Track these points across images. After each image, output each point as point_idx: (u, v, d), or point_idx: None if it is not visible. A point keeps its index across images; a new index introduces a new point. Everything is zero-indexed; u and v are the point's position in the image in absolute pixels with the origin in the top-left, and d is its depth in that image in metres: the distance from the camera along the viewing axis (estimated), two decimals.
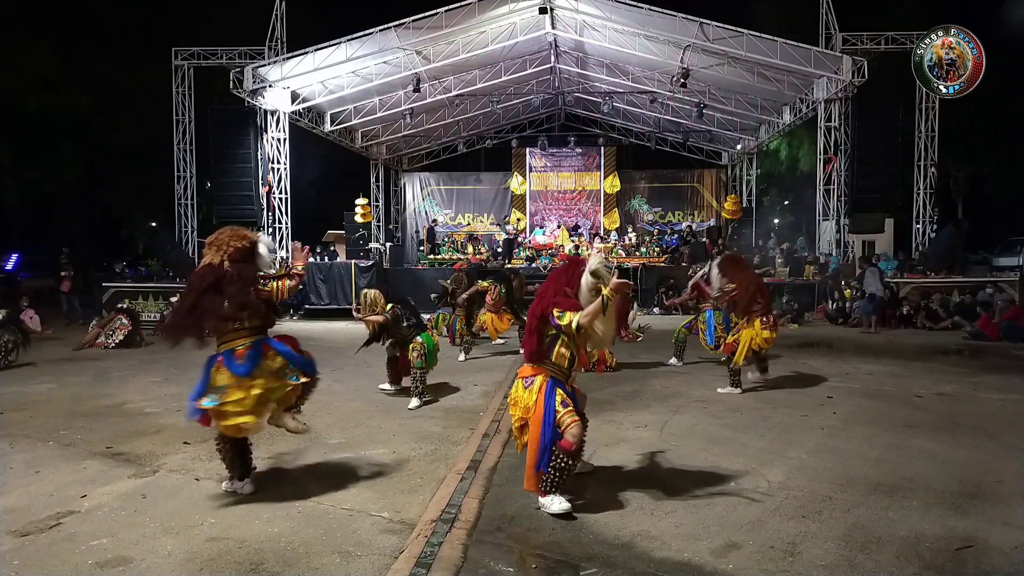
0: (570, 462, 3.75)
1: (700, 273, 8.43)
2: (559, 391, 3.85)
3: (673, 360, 9.07)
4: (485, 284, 10.23)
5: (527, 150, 23.48)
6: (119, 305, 13.31)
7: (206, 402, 3.90)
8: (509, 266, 15.01)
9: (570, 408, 3.81)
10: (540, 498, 3.80)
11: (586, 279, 3.85)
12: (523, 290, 10.73)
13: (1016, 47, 20.26)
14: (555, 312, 3.79)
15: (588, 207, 23.67)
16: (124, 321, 11.33)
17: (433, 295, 11.60)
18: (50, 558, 3.28)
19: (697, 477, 4.38)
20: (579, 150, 23.47)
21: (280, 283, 4.23)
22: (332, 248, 20.37)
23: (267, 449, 5.09)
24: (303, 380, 4.19)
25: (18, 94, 21.11)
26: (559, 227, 22.57)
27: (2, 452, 5.07)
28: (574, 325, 3.73)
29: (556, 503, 3.71)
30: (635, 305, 9.87)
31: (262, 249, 4.20)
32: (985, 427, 5.66)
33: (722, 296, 7.34)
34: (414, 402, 6.59)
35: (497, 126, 23.81)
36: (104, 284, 15.64)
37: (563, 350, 3.91)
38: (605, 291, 3.72)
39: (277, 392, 4.06)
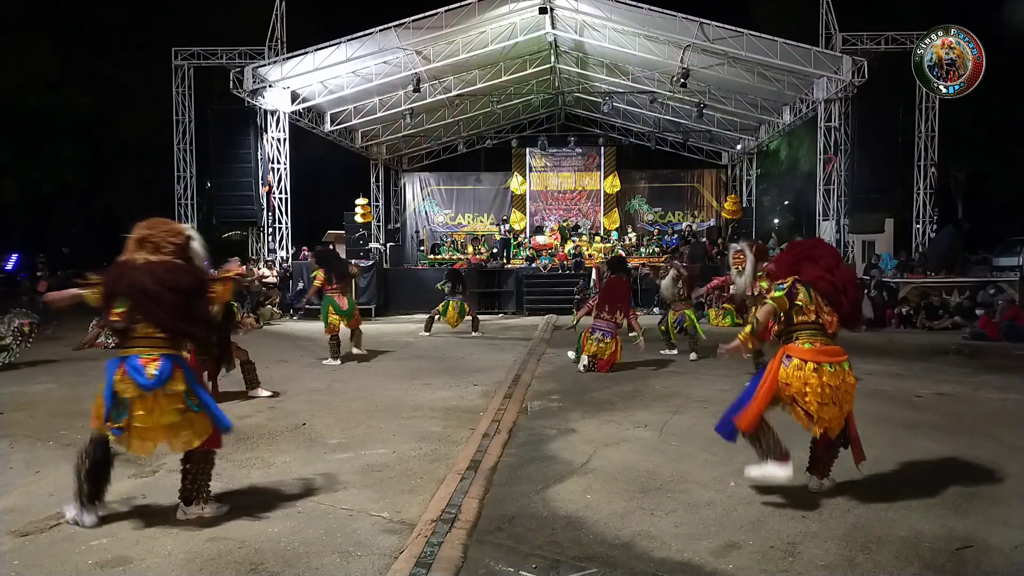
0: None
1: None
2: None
3: (666, 350, 9.14)
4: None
5: (527, 150, 23.48)
6: None
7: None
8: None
9: None
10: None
11: None
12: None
13: (1016, 47, 20.28)
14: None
15: (588, 207, 23.66)
16: None
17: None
18: (50, 558, 3.28)
19: (697, 477, 4.37)
20: (579, 150, 23.47)
21: (223, 286, 4.03)
22: (332, 248, 20.34)
23: (267, 449, 5.09)
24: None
25: (18, 94, 21.13)
26: (559, 227, 22.60)
27: (2, 452, 5.06)
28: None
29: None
30: None
31: (196, 245, 3.87)
32: (985, 427, 5.66)
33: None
34: None
35: (497, 126, 23.81)
36: None
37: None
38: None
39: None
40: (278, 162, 17.68)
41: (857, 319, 4.22)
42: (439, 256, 20.78)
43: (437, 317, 12.57)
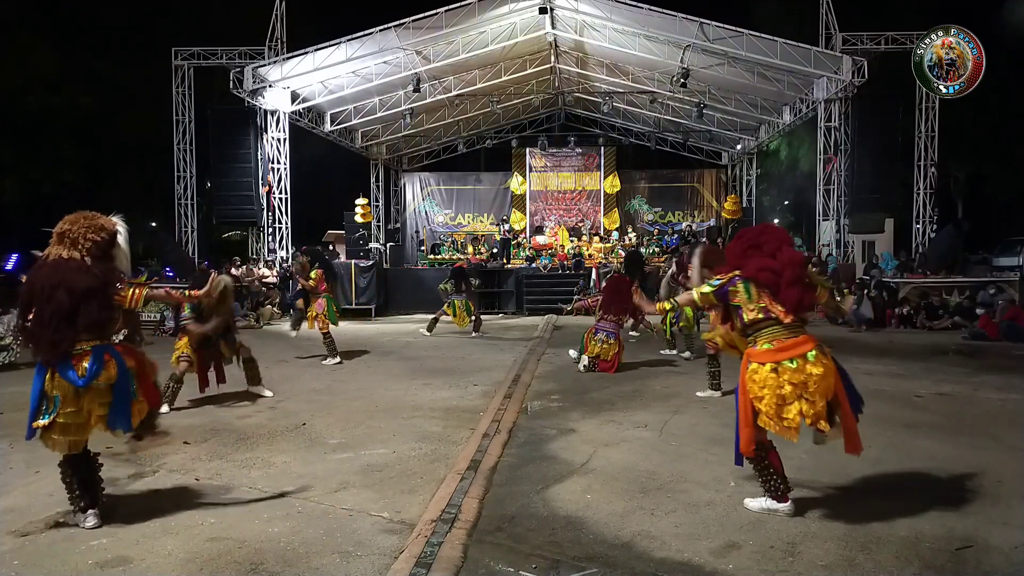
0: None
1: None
2: None
3: (666, 350, 9.17)
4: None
5: (527, 150, 23.49)
6: None
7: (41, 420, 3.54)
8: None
9: None
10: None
11: None
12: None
13: (1016, 47, 20.28)
14: None
15: (588, 207, 23.67)
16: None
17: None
18: (50, 558, 3.28)
19: (697, 477, 4.37)
20: (579, 150, 23.48)
21: (137, 291, 3.79)
22: (332, 248, 20.36)
23: (267, 449, 5.09)
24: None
25: (18, 94, 21.14)
26: (559, 226, 22.62)
27: (2, 452, 5.07)
28: None
29: None
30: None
31: (122, 241, 3.84)
32: (985, 427, 5.66)
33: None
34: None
35: (497, 126, 23.82)
36: None
37: None
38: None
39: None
40: (278, 162, 17.68)
41: (797, 303, 3.63)
42: (439, 256, 20.77)
43: (444, 318, 12.46)
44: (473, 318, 12.60)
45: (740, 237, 4.00)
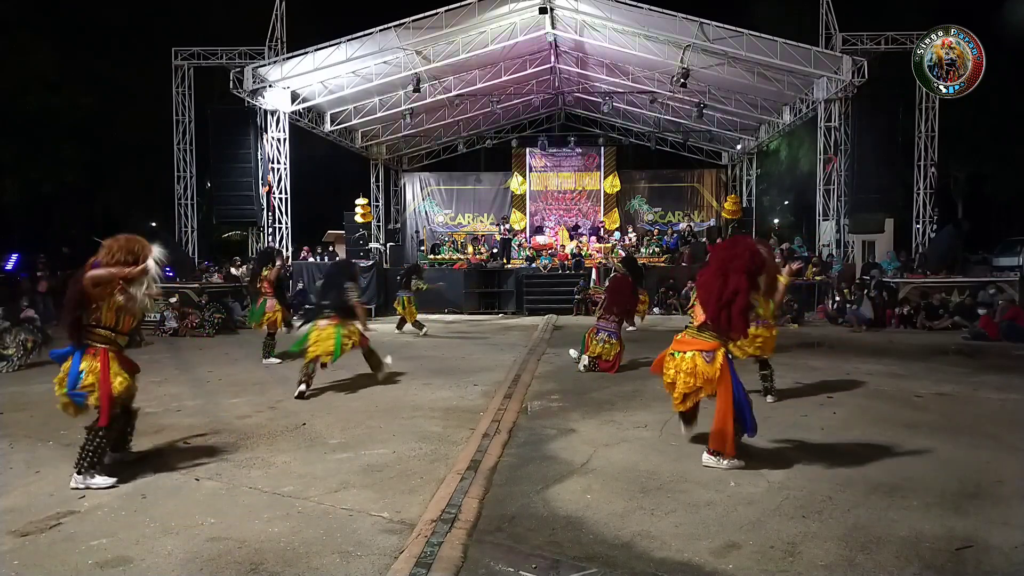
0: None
1: None
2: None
3: None
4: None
5: (527, 150, 23.47)
6: None
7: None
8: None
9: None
10: (711, 457, 4.56)
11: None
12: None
13: (1016, 47, 20.26)
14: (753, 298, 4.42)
15: (588, 207, 23.65)
16: None
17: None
18: (50, 558, 3.28)
19: (697, 477, 4.38)
20: (579, 150, 23.46)
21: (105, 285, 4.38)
22: (332, 248, 20.38)
23: (267, 449, 5.09)
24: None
25: (18, 94, 21.14)
26: (559, 226, 22.61)
27: (2, 452, 5.07)
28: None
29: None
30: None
31: (150, 263, 4.44)
32: (985, 427, 5.66)
33: None
34: None
35: (497, 126, 23.79)
36: None
37: None
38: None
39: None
40: (278, 162, 17.68)
41: (715, 319, 4.43)
42: (439, 256, 20.77)
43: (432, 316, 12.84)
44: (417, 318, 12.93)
45: (715, 248, 5.03)
